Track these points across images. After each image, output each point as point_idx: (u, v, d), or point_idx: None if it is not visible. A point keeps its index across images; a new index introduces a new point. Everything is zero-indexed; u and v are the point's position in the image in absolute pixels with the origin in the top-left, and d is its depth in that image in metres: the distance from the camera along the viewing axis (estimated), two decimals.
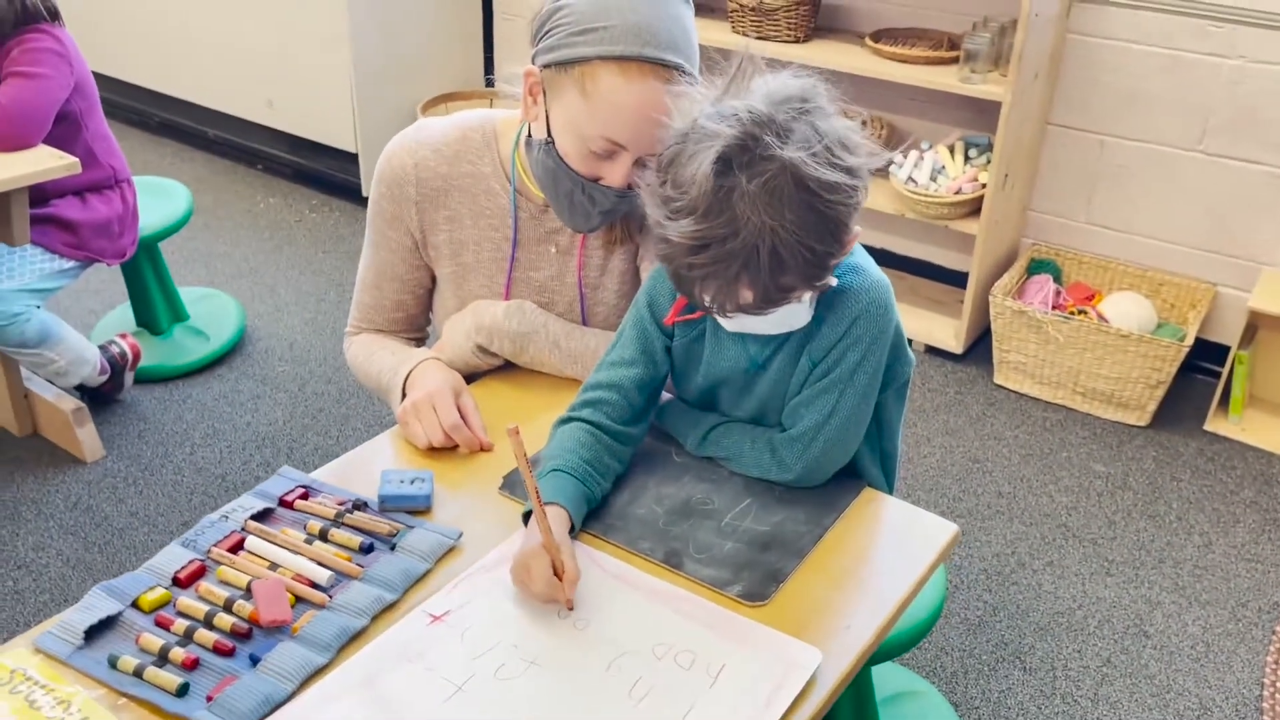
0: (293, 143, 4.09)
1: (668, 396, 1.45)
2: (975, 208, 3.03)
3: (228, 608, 1.14)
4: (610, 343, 1.41)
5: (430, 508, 1.31)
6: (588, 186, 1.38)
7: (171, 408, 2.84)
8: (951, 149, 3.12)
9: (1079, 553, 2.45)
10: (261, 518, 1.28)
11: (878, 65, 3.04)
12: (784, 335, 1.31)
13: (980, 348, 3.19)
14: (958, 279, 3.31)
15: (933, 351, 3.19)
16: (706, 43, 1.42)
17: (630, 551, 1.25)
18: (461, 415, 1.42)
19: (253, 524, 1.26)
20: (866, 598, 1.21)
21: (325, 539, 1.25)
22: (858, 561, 1.26)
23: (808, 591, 1.21)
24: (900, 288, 3.16)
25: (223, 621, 1.12)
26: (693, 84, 1.29)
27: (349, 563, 1.21)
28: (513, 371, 1.58)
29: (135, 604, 1.15)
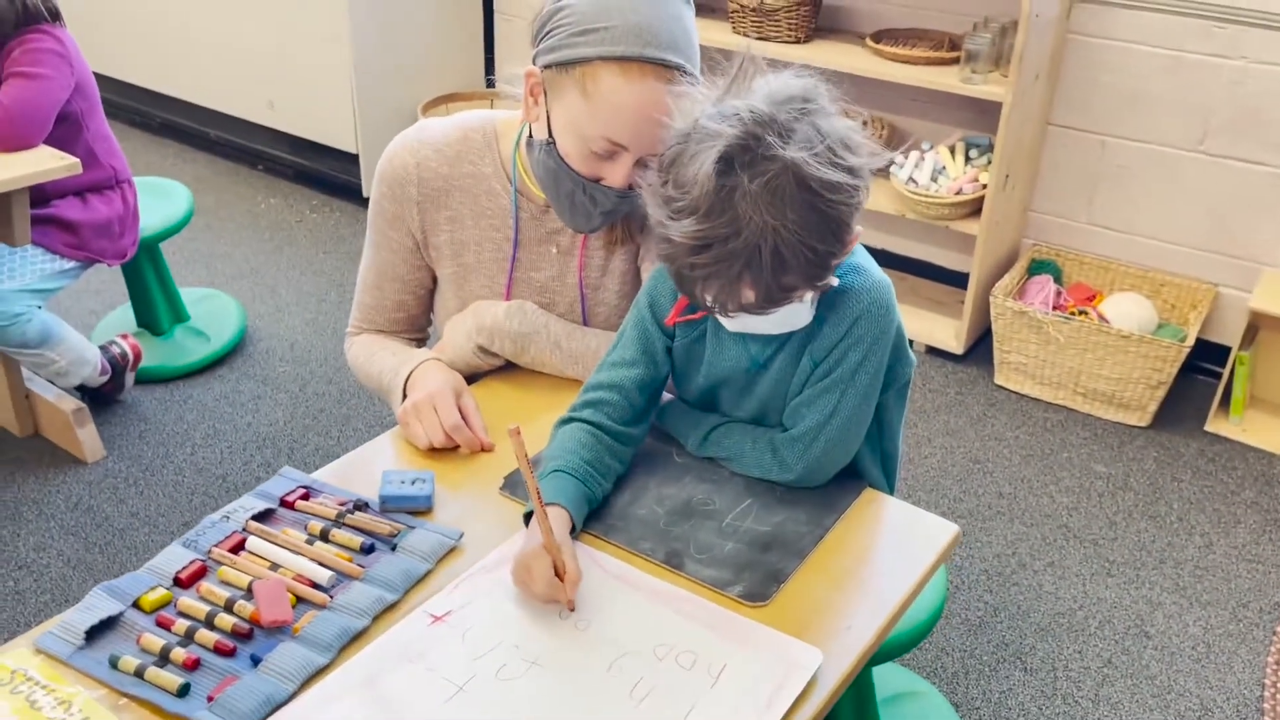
0: (293, 143, 4.10)
1: (668, 397, 1.45)
2: (976, 208, 3.03)
3: (229, 608, 1.15)
4: (611, 343, 1.41)
5: (431, 508, 1.31)
6: (589, 187, 1.38)
7: (172, 408, 2.84)
8: (952, 149, 3.12)
9: (1080, 553, 2.45)
10: (262, 518, 1.28)
11: (878, 66, 3.04)
12: (785, 335, 1.31)
13: (981, 348, 3.19)
14: (958, 279, 3.31)
15: (933, 352, 3.19)
16: (707, 43, 1.42)
17: (631, 552, 1.25)
18: (462, 416, 1.42)
19: (254, 524, 1.26)
20: (867, 598, 1.21)
21: (326, 539, 1.25)
22: (859, 562, 1.26)
23: (809, 592, 1.21)
24: (901, 288, 3.16)
25: (224, 622, 1.12)
26: (694, 84, 1.29)
27: (350, 563, 1.21)
28: (514, 372, 1.58)
29: (136, 604, 1.15)
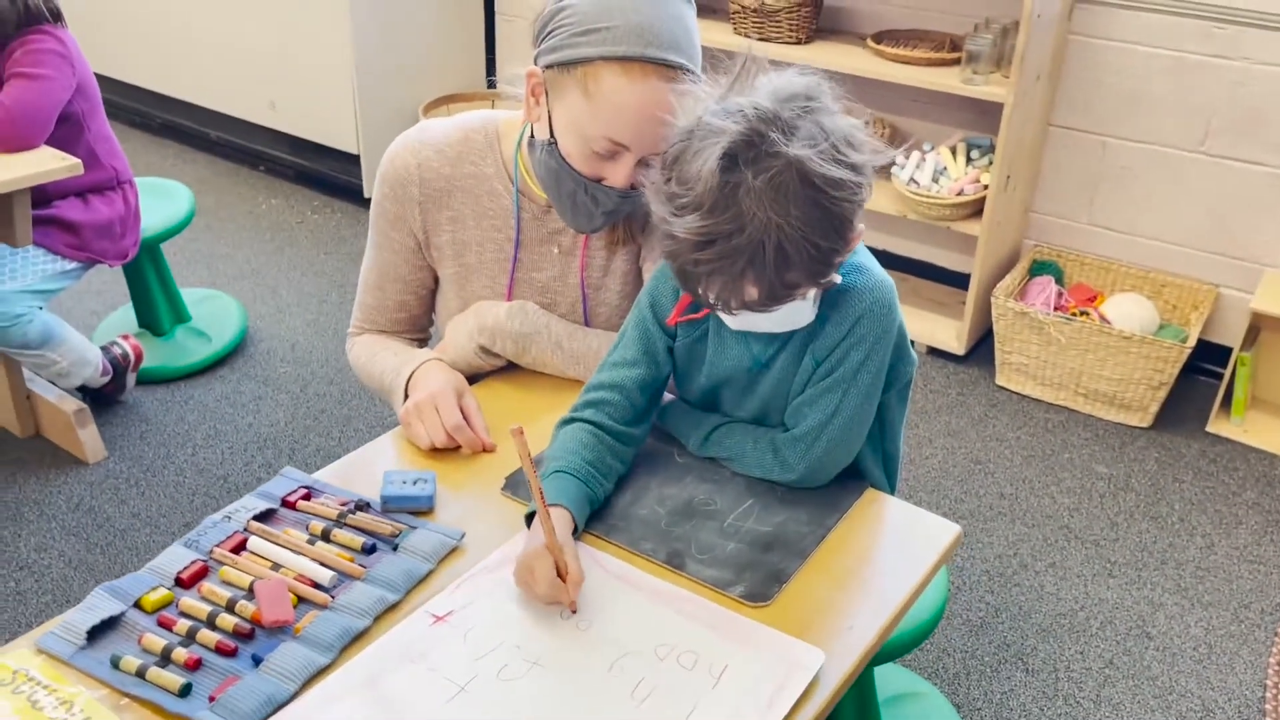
0: (295, 144, 4.10)
1: (669, 397, 1.45)
2: (977, 209, 3.03)
3: (230, 608, 1.14)
4: (612, 343, 1.41)
5: (433, 508, 1.31)
6: (590, 187, 1.38)
7: (173, 409, 2.84)
8: (953, 150, 3.12)
9: (1081, 554, 2.45)
10: (264, 518, 1.28)
11: (879, 66, 3.04)
12: (787, 334, 1.31)
13: (982, 349, 3.19)
14: (959, 280, 3.31)
15: (934, 353, 3.19)
16: (708, 44, 1.42)
17: (632, 552, 1.25)
18: (464, 416, 1.42)
19: (255, 524, 1.26)
20: (869, 598, 1.21)
21: (327, 539, 1.25)
22: (860, 562, 1.26)
23: (810, 592, 1.21)
24: (902, 289, 3.16)
25: (225, 622, 1.12)
26: (695, 84, 1.29)
27: (351, 563, 1.21)
28: (515, 372, 1.58)
29: (138, 604, 1.15)
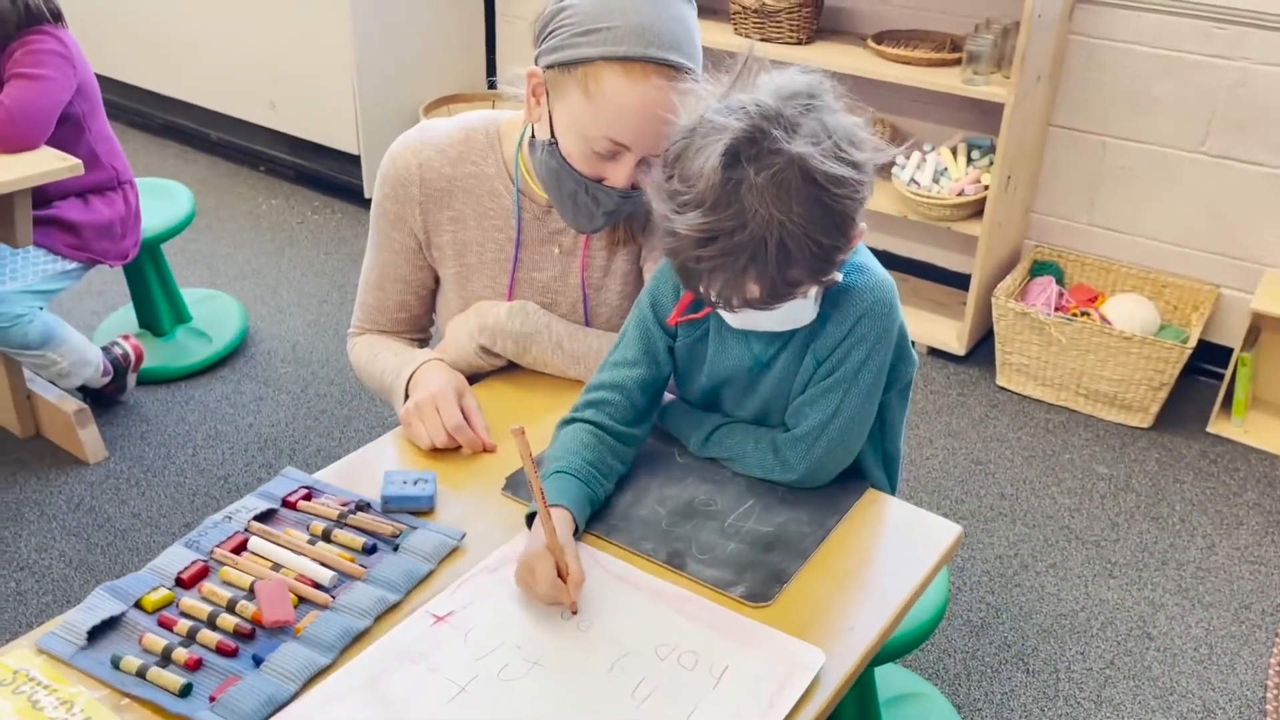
0: (295, 144, 4.10)
1: (670, 397, 1.45)
2: (978, 209, 3.03)
3: (230, 608, 1.14)
4: (613, 343, 1.41)
5: (433, 508, 1.31)
6: (591, 187, 1.38)
7: (174, 409, 2.84)
8: (954, 151, 3.12)
9: (1082, 555, 2.45)
10: (264, 518, 1.28)
11: (880, 67, 3.04)
12: (788, 334, 1.31)
13: (983, 350, 3.19)
14: (960, 281, 3.31)
15: (935, 353, 3.19)
16: (709, 44, 1.42)
17: (633, 552, 1.25)
18: (464, 416, 1.42)
19: (256, 525, 1.26)
20: (870, 599, 1.21)
21: (328, 540, 1.25)
22: (861, 563, 1.26)
23: (811, 592, 1.21)
24: (903, 289, 3.15)
25: (225, 622, 1.12)
26: (696, 84, 1.29)
27: (352, 563, 1.21)
28: (516, 372, 1.58)
29: (138, 604, 1.15)
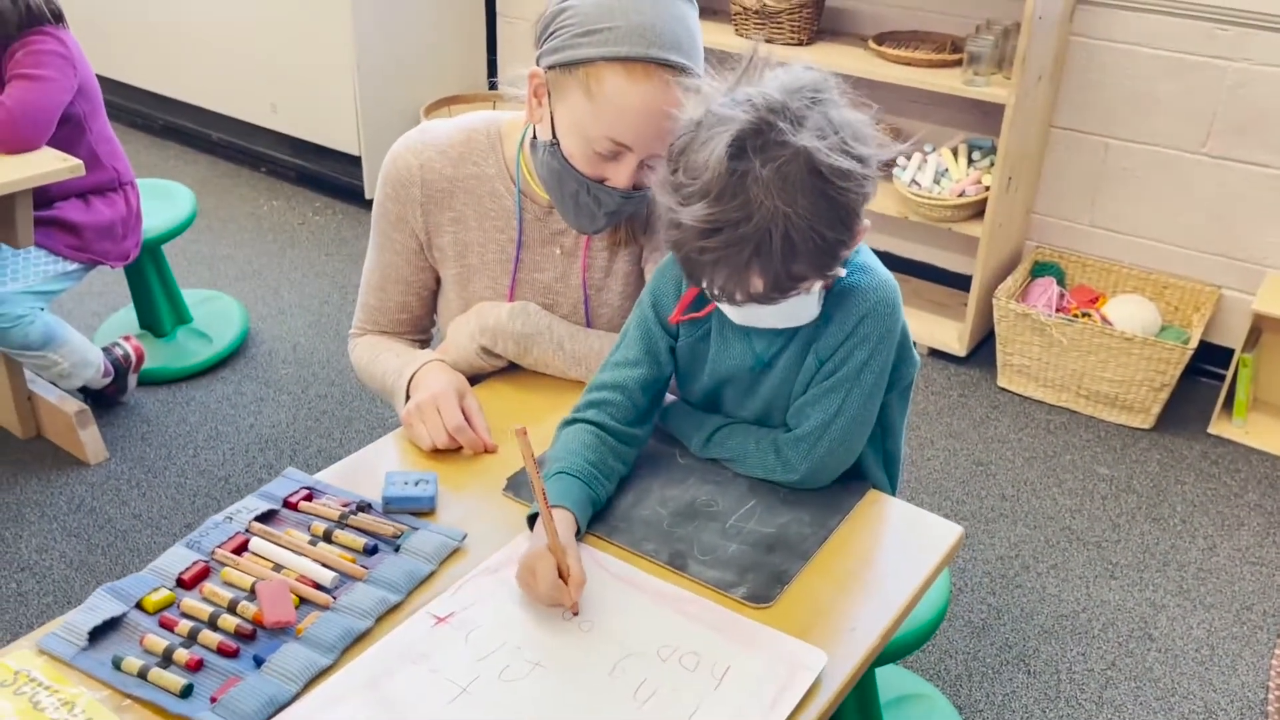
0: (296, 146, 4.10)
1: (671, 398, 1.45)
2: (979, 210, 3.03)
3: (232, 609, 1.14)
4: (614, 344, 1.41)
5: (434, 509, 1.31)
6: (593, 188, 1.38)
7: (175, 410, 2.84)
8: (955, 151, 3.12)
9: (1083, 556, 2.45)
10: (265, 519, 1.28)
11: (881, 68, 3.04)
12: (790, 333, 1.30)
13: (984, 350, 3.19)
14: (961, 282, 3.31)
15: (936, 354, 3.19)
16: (710, 45, 1.42)
17: (634, 553, 1.25)
18: (466, 417, 1.42)
19: (257, 525, 1.26)
20: (871, 600, 1.21)
21: (329, 540, 1.25)
22: (862, 563, 1.26)
23: (812, 593, 1.21)
24: (904, 290, 3.13)
25: (227, 623, 1.12)
26: (697, 84, 1.29)
27: (353, 564, 1.21)
28: (517, 373, 1.58)
29: (139, 605, 1.15)
